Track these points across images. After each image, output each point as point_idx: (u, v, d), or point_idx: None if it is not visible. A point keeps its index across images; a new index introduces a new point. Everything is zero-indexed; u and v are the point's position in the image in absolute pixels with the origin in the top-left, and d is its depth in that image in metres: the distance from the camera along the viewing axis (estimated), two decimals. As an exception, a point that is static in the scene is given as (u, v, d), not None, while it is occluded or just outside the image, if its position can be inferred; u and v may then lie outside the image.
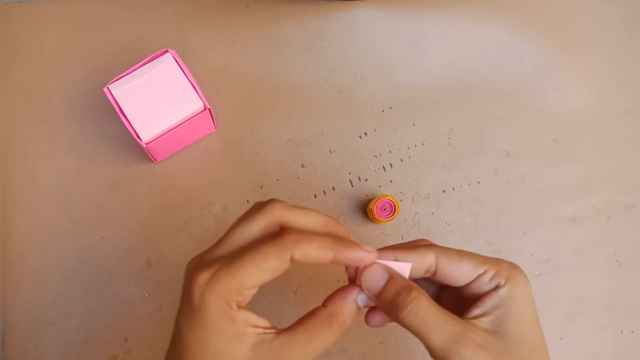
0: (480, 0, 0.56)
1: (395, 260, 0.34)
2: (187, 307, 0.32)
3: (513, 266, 0.35)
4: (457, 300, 0.35)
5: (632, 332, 0.52)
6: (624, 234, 0.53)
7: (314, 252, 0.31)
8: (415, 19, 0.56)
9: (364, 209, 0.53)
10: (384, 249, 0.35)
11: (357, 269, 0.34)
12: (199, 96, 0.47)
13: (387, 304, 0.33)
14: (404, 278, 0.34)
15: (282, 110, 0.54)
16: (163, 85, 0.47)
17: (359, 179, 0.53)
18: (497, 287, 0.34)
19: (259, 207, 0.33)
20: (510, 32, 0.56)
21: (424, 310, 0.32)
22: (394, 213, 0.50)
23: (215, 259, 0.32)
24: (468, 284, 0.34)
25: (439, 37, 0.56)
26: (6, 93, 0.53)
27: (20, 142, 0.53)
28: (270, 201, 0.34)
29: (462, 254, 0.35)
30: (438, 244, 0.52)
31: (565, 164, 0.54)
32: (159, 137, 0.47)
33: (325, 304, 0.34)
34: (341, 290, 0.34)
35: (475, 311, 0.34)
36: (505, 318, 0.33)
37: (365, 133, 0.54)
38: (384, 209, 0.50)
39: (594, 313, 0.52)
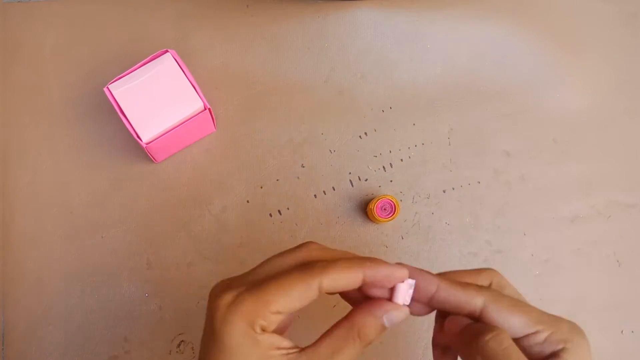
0: (480, 0, 0.56)
1: (437, 287, 0.32)
2: (209, 330, 0.31)
3: (573, 328, 0.31)
4: None
5: (632, 332, 0.52)
6: (624, 234, 0.53)
7: (342, 276, 0.30)
8: (415, 19, 0.56)
9: (364, 209, 0.53)
10: (429, 274, 0.32)
11: (390, 291, 0.32)
12: (199, 96, 0.47)
13: (466, 328, 0.31)
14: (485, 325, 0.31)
15: (282, 110, 0.54)
16: (163, 85, 0.47)
17: (359, 179, 0.53)
18: (552, 355, 0.30)
19: (296, 246, 0.33)
20: (510, 32, 0.56)
21: (508, 342, 0.30)
22: (394, 213, 0.50)
23: (241, 284, 0.31)
24: (518, 339, 0.31)
25: (439, 37, 0.56)
26: (6, 93, 0.53)
27: (20, 142, 0.53)
28: (309, 242, 0.33)
29: (516, 306, 0.31)
30: (438, 244, 0.52)
31: (565, 164, 0.54)
32: (159, 137, 0.47)
33: (349, 316, 0.32)
34: (368, 304, 0.32)
35: None
36: None
37: (365, 133, 0.54)
38: (384, 209, 0.50)
39: (594, 313, 0.52)
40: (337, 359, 0.31)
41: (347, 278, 0.30)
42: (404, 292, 0.32)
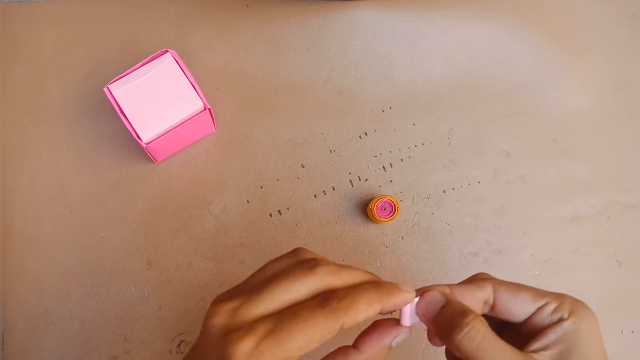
0: (480, 0, 0.56)
1: (450, 291, 0.33)
2: None
3: (577, 300, 0.33)
4: (518, 339, 0.33)
5: (632, 332, 0.52)
6: (624, 234, 0.53)
7: (362, 313, 0.30)
8: (415, 19, 0.56)
9: (364, 209, 0.53)
10: (438, 285, 0.33)
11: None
12: (199, 96, 0.47)
13: (442, 328, 0.32)
14: (461, 303, 0.32)
15: (282, 110, 0.54)
16: (163, 85, 0.47)
17: (359, 179, 0.53)
18: (560, 320, 0.32)
19: (305, 266, 0.31)
20: (510, 32, 0.56)
21: (481, 335, 0.30)
22: (394, 213, 0.50)
23: (254, 319, 0.29)
24: (528, 319, 0.33)
25: (439, 37, 0.56)
26: (6, 93, 0.53)
27: (20, 142, 0.53)
28: (318, 263, 0.31)
29: (520, 286, 0.33)
30: (438, 244, 0.52)
31: (565, 164, 0.54)
32: (159, 137, 0.47)
33: (358, 345, 0.32)
34: (376, 329, 0.33)
35: (536, 344, 0.31)
36: (570, 353, 0.31)
37: (365, 133, 0.54)
38: (384, 209, 0.50)
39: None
40: None
41: (367, 315, 0.30)
42: (412, 313, 0.33)
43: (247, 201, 0.52)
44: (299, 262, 0.32)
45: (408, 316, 0.33)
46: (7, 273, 0.51)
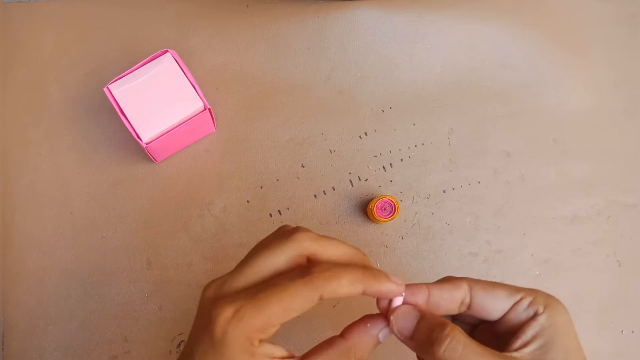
0: (480, 1, 0.56)
1: (428, 292, 0.33)
2: (206, 339, 0.30)
3: (549, 294, 0.34)
4: (493, 338, 0.34)
5: (632, 332, 0.52)
6: (624, 234, 0.53)
7: (343, 288, 0.30)
8: (415, 19, 0.56)
9: (364, 209, 0.53)
10: (416, 284, 0.34)
11: (389, 302, 0.33)
12: (199, 96, 0.47)
13: (421, 344, 0.32)
14: (436, 316, 0.32)
15: (282, 110, 0.54)
16: (163, 85, 0.47)
17: (359, 179, 0.53)
18: (535, 315, 0.32)
19: (285, 235, 0.32)
20: (510, 32, 0.56)
21: (462, 345, 0.30)
22: (394, 213, 0.50)
23: (237, 289, 0.31)
24: (504, 316, 0.33)
25: (439, 37, 0.56)
26: (6, 93, 0.53)
27: (20, 142, 0.53)
28: (297, 229, 0.32)
29: (495, 283, 0.34)
30: (438, 244, 0.52)
31: (565, 164, 0.54)
32: (159, 137, 0.47)
33: (344, 334, 0.33)
34: (363, 321, 0.33)
35: (515, 343, 0.32)
36: (548, 347, 0.32)
37: (365, 133, 0.54)
38: (384, 209, 0.50)
39: (594, 313, 0.52)
40: None
41: (348, 291, 0.30)
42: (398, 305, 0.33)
43: (247, 201, 0.52)
44: (279, 231, 0.33)
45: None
46: (7, 273, 0.51)
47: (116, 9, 0.55)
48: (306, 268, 0.30)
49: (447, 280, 0.34)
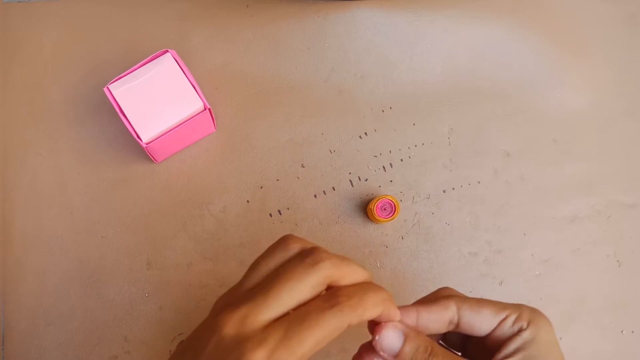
0: (480, 0, 0.56)
1: (417, 316, 0.34)
2: None
3: (534, 310, 0.35)
4: (484, 350, 0.35)
5: (632, 332, 0.52)
6: (624, 234, 0.53)
7: (367, 313, 0.31)
8: (415, 19, 0.56)
9: (364, 209, 0.53)
10: (405, 307, 0.35)
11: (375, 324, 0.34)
12: (199, 96, 0.47)
13: None
14: (420, 336, 0.33)
15: (282, 110, 0.54)
16: (163, 85, 0.47)
17: (359, 179, 0.53)
18: (519, 331, 0.34)
19: (308, 263, 0.31)
20: (510, 32, 0.56)
21: None
22: (394, 213, 0.50)
23: (264, 324, 0.29)
24: (491, 332, 0.34)
25: (439, 37, 0.56)
26: (6, 93, 0.53)
27: (20, 142, 0.53)
28: (319, 254, 0.31)
29: (481, 301, 0.35)
30: (438, 244, 0.52)
31: (565, 164, 0.54)
32: (159, 137, 0.47)
33: (360, 357, 0.34)
34: (360, 354, 0.34)
35: (499, 356, 0.33)
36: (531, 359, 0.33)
37: (365, 133, 0.54)
38: (384, 209, 0.50)
39: (594, 313, 0.52)
40: None
41: (371, 316, 0.31)
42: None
43: (247, 201, 0.52)
44: (297, 256, 0.32)
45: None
46: (7, 273, 0.51)
47: (116, 9, 0.55)
48: (332, 296, 0.30)
49: (436, 300, 0.35)
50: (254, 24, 0.55)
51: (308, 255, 0.31)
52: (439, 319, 0.34)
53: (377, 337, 0.33)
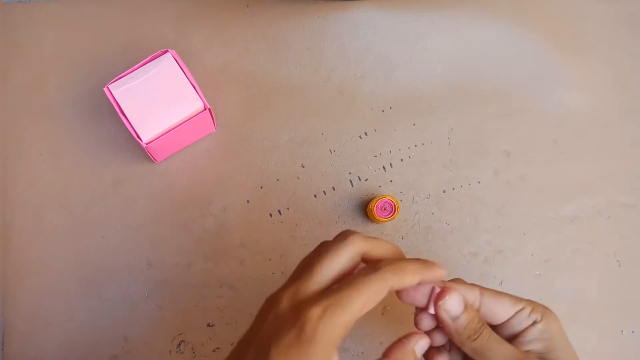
0: (480, 1, 0.56)
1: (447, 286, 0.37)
2: (292, 338, 0.31)
3: (545, 306, 0.38)
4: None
5: (632, 332, 0.52)
6: (624, 234, 0.53)
7: (407, 278, 0.34)
8: (415, 18, 0.56)
9: (364, 209, 0.53)
10: (464, 284, 0.38)
11: (431, 293, 0.36)
12: (199, 96, 0.47)
13: (461, 332, 0.36)
14: (475, 310, 0.37)
15: (282, 110, 0.54)
16: (163, 85, 0.47)
17: (359, 179, 0.53)
18: (534, 323, 0.37)
19: (339, 239, 0.35)
20: (511, 32, 0.56)
21: (487, 335, 0.36)
22: (394, 213, 0.50)
23: (314, 293, 0.33)
24: (507, 322, 0.37)
25: (439, 37, 0.56)
26: (6, 93, 0.53)
27: (20, 142, 0.53)
28: (349, 233, 0.36)
29: (499, 292, 0.38)
30: (438, 244, 0.52)
31: (565, 164, 0.54)
32: (159, 137, 0.47)
33: (385, 354, 0.35)
34: (400, 341, 0.36)
35: (518, 345, 0.37)
36: (551, 348, 0.37)
37: (365, 133, 0.54)
38: (384, 209, 0.50)
39: (594, 313, 0.52)
40: None
41: (411, 281, 0.34)
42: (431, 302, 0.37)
43: (247, 201, 0.52)
44: (332, 240, 0.36)
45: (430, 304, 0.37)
46: (7, 273, 0.51)
47: (116, 9, 0.55)
48: (374, 265, 0.34)
49: (461, 281, 0.38)
50: (254, 24, 0.55)
51: (339, 236, 0.36)
52: (467, 297, 0.37)
53: (445, 298, 0.36)
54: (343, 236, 0.35)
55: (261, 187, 0.53)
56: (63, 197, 0.52)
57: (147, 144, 0.47)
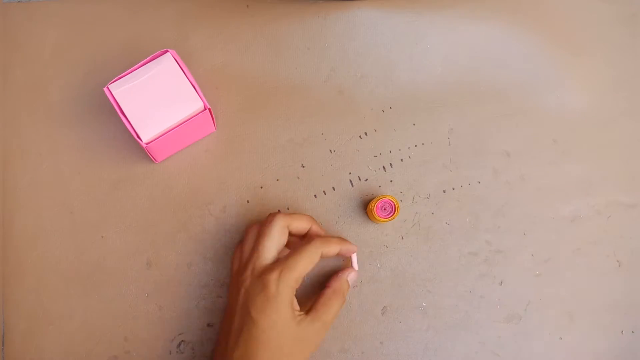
0: (480, 1, 0.56)
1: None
2: (262, 298, 0.43)
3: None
4: None
5: (632, 332, 0.52)
6: (624, 234, 0.53)
7: (332, 249, 0.47)
8: (415, 19, 0.56)
9: (364, 209, 0.53)
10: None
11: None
12: (199, 96, 0.47)
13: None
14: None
15: (282, 110, 0.54)
16: (163, 85, 0.47)
17: (359, 179, 0.53)
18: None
19: (268, 222, 0.46)
20: (510, 32, 0.56)
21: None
22: (394, 213, 0.50)
23: (267, 265, 0.45)
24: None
25: (439, 37, 0.56)
26: (6, 93, 0.53)
27: (20, 142, 0.53)
28: (272, 216, 0.47)
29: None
30: (438, 244, 0.52)
31: (565, 164, 0.54)
32: (159, 137, 0.47)
33: (328, 284, 0.48)
34: (337, 274, 0.49)
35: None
36: None
37: (365, 133, 0.54)
38: (384, 209, 0.50)
39: (594, 313, 0.52)
40: (330, 314, 0.45)
41: (335, 251, 0.47)
42: (355, 261, 0.50)
43: (247, 201, 0.52)
44: (262, 223, 0.47)
45: (355, 262, 0.50)
46: (7, 273, 0.51)
47: (116, 9, 0.55)
48: (308, 237, 0.48)
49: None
50: (254, 24, 0.55)
51: (266, 220, 0.47)
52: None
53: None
54: (269, 219, 0.46)
55: (261, 187, 0.53)
56: (63, 197, 0.52)
57: (147, 144, 0.47)
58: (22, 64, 0.54)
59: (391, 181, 0.53)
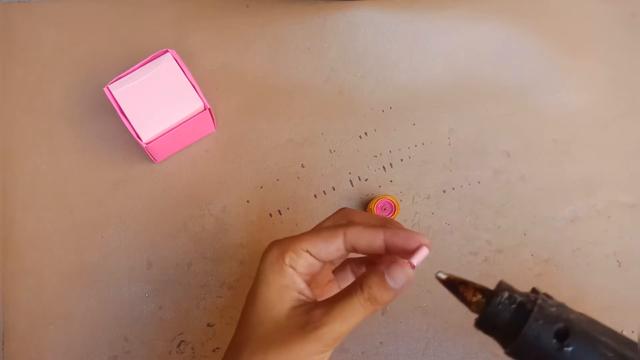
0: (480, 1, 0.56)
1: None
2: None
3: None
4: None
5: (632, 332, 0.52)
6: (624, 234, 0.53)
7: (364, 232, 0.34)
8: (415, 19, 0.56)
9: (364, 209, 0.53)
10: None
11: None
12: (199, 96, 0.47)
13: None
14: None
15: (282, 110, 0.54)
16: (163, 85, 0.47)
17: (359, 179, 0.53)
18: None
19: (341, 228, 0.36)
20: (510, 33, 0.56)
21: None
22: (394, 213, 0.50)
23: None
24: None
25: (439, 37, 0.56)
26: (6, 93, 0.53)
27: (20, 142, 0.53)
28: (351, 224, 0.36)
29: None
30: (438, 244, 0.52)
31: (565, 164, 0.54)
32: (159, 137, 0.47)
33: (358, 277, 0.36)
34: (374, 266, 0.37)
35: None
36: None
37: (365, 133, 0.54)
38: (384, 209, 0.50)
39: (594, 313, 0.52)
40: (351, 320, 0.33)
41: (368, 234, 0.34)
42: (421, 256, 0.35)
43: (247, 201, 0.52)
44: (333, 216, 0.39)
45: (417, 258, 0.35)
46: (7, 273, 0.51)
47: (116, 9, 0.55)
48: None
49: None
50: (254, 24, 0.55)
51: (340, 217, 0.38)
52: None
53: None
54: (344, 225, 0.35)
55: (261, 187, 0.53)
56: (63, 197, 0.52)
57: (147, 144, 0.47)
58: (22, 64, 0.54)
59: (391, 181, 0.53)
